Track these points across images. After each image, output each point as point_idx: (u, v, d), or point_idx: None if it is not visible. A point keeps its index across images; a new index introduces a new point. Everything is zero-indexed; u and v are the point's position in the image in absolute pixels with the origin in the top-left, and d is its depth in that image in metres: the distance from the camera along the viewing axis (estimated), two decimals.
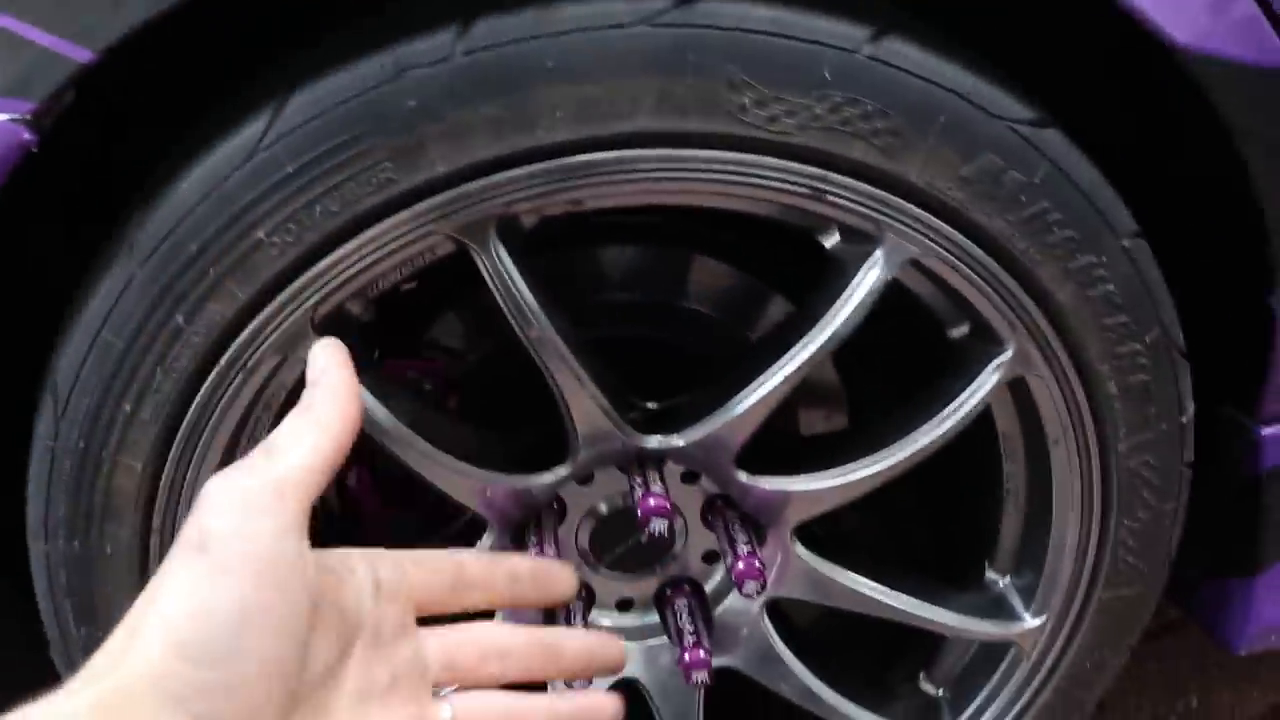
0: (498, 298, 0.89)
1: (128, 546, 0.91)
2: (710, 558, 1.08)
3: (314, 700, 0.53)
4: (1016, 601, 1.09)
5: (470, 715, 0.60)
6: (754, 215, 0.91)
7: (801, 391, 1.17)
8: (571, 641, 0.70)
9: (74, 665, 0.96)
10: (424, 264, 0.90)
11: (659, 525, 0.95)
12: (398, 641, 0.59)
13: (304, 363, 0.89)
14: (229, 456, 0.92)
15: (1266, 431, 1.10)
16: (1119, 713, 1.44)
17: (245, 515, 0.53)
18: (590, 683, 0.84)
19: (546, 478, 0.98)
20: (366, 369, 0.91)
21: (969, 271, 0.90)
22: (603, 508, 1.03)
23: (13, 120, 0.76)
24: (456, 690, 0.62)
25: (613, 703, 0.70)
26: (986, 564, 1.11)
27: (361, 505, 1.11)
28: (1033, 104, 0.87)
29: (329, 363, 0.68)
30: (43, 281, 0.95)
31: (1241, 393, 1.10)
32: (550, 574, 0.71)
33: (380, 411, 0.91)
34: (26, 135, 0.76)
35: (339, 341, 0.74)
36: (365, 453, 1.14)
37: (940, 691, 1.16)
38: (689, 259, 1.14)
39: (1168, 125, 1.00)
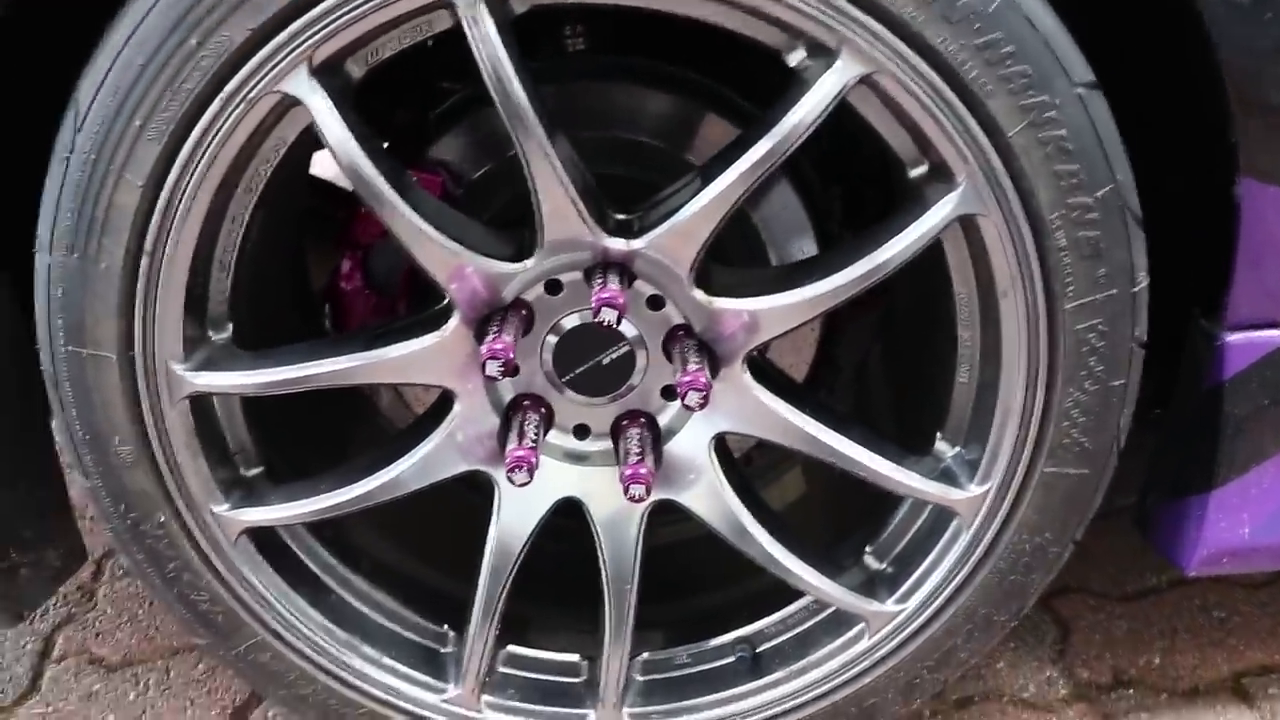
0: (484, 76, 0.96)
1: (119, 264, 0.99)
2: (668, 393, 1.11)
3: None
4: (962, 472, 1.11)
5: None
6: (727, 32, 0.98)
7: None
8: None
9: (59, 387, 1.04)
10: (420, 37, 0.98)
11: (609, 315, 1.00)
12: None
13: (303, 123, 0.99)
14: (225, 190, 1.00)
15: (1231, 339, 1.11)
16: (1082, 662, 1.41)
17: None
18: None
19: (515, 267, 1.04)
20: (358, 129, 1.00)
21: (923, 95, 0.95)
22: (568, 322, 1.08)
23: None
24: None
25: None
26: (938, 433, 1.13)
27: (347, 289, 1.19)
28: None
29: None
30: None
31: (1208, 299, 1.12)
32: None
33: (367, 166, 0.98)
34: None
35: None
36: (358, 244, 1.22)
37: (883, 566, 1.17)
38: (669, 100, 1.21)
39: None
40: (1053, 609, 1.47)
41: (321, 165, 1.25)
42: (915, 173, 1.03)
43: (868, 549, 1.18)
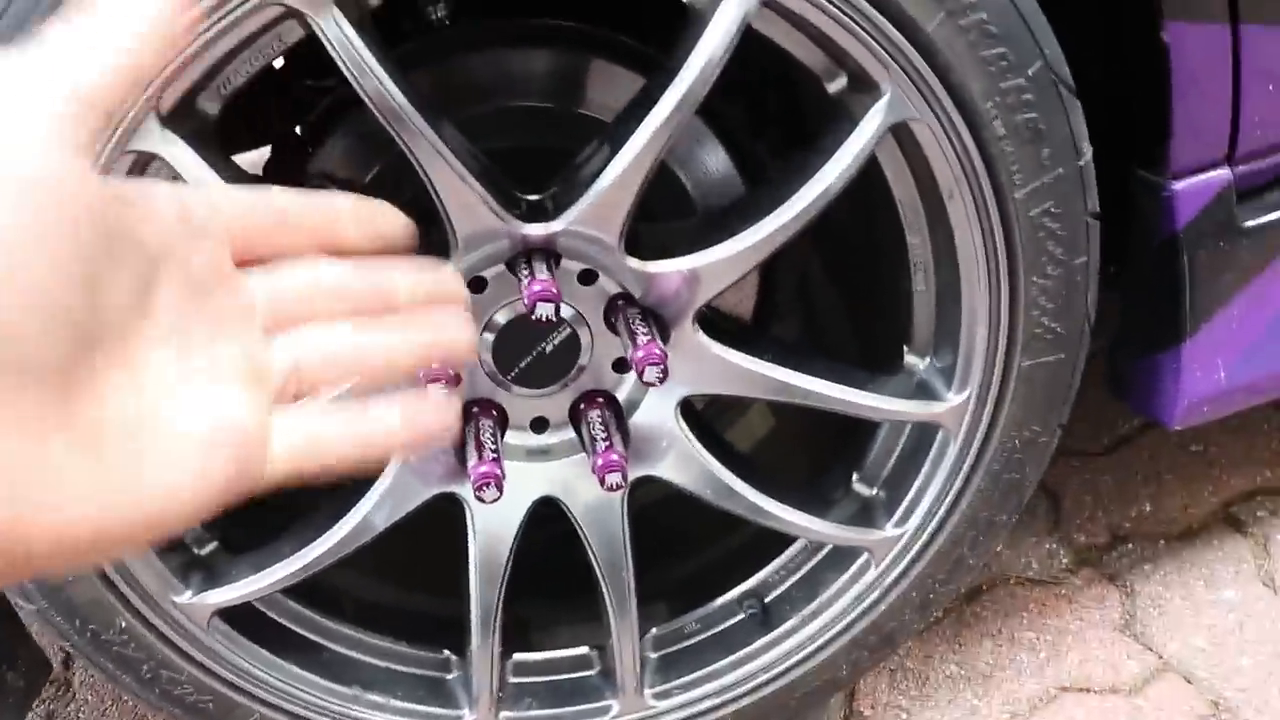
0: (353, 83, 0.87)
1: None
2: (620, 366, 1.05)
3: (114, 346, 0.47)
4: (938, 382, 1.06)
5: (311, 353, 0.55)
6: None
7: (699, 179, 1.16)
8: (401, 274, 0.62)
9: None
10: (274, 53, 0.88)
11: (545, 310, 0.93)
12: (215, 282, 0.53)
13: (167, 178, 0.89)
14: None
15: (1178, 187, 1.08)
16: (1077, 526, 1.40)
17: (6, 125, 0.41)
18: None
19: None
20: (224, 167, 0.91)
21: (828, 5, 0.88)
22: (500, 317, 1.01)
23: None
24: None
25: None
26: (905, 348, 1.09)
27: None
28: None
29: None
30: None
31: (1148, 151, 1.08)
32: (374, 211, 0.66)
33: None
34: None
35: None
36: None
37: (875, 492, 1.13)
38: (556, 57, 1.12)
39: None
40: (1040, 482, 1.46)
41: None
42: (834, 87, 0.96)
43: (855, 477, 1.14)
